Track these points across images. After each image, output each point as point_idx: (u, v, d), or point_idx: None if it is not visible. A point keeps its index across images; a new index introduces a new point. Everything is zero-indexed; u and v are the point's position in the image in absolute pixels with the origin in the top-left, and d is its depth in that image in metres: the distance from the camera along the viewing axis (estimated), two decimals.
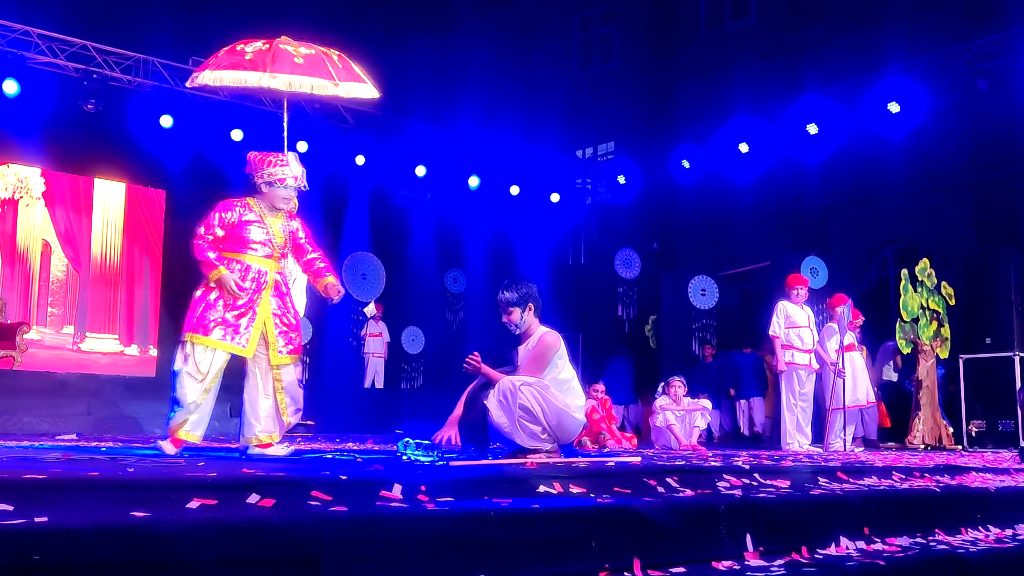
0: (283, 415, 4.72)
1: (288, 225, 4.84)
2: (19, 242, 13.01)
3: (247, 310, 4.60)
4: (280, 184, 4.70)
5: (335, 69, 5.07)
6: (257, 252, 4.66)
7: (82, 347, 13.18)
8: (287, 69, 4.90)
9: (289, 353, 4.73)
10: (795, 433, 8.62)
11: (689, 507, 2.91)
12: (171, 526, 1.91)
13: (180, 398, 4.50)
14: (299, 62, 4.96)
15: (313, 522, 2.08)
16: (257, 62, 4.93)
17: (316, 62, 5.00)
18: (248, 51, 5.02)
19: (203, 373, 4.50)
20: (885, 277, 14.77)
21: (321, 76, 4.98)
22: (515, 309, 4.57)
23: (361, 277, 13.74)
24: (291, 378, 4.75)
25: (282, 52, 4.96)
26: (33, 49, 11.36)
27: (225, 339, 4.53)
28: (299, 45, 5.11)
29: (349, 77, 5.14)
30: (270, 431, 4.69)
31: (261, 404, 4.66)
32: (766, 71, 16.13)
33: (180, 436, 4.50)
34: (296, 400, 4.80)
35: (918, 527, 3.43)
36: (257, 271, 4.65)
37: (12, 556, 1.67)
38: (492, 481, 2.91)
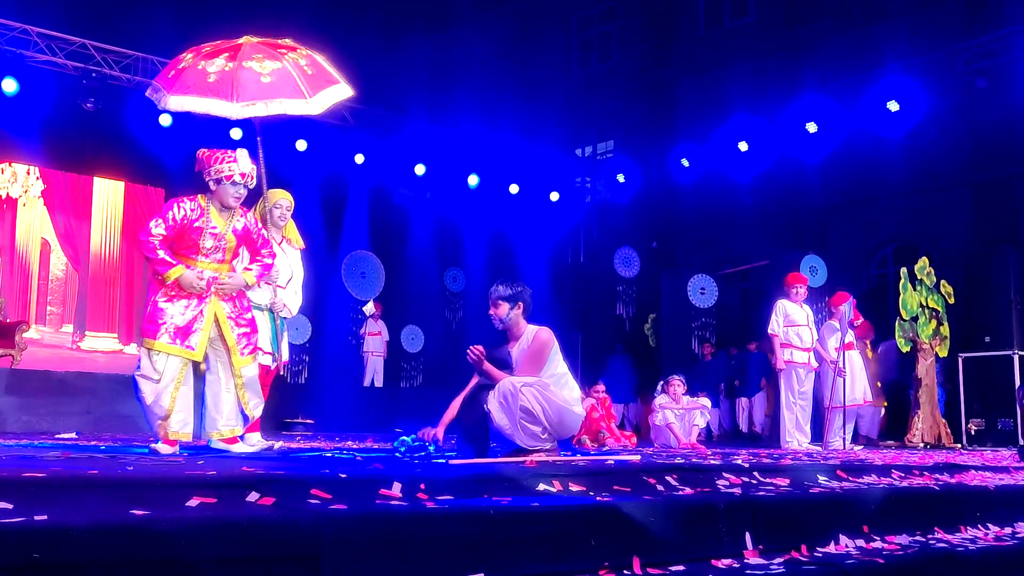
0: (247, 410, 4.74)
1: (239, 223, 4.73)
2: (18, 241, 13.00)
3: (197, 313, 4.56)
4: (228, 181, 4.62)
5: (304, 80, 4.91)
6: (208, 258, 4.62)
7: (81, 346, 13.18)
8: (255, 94, 4.75)
9: (250, 354, 4.74)
10: (794, 432, 8.62)
11: (689, 505, 2.91)
12: (171, 524, 1.91)
13: (142, 400, 4.52)
14: (267, 81, 4.79)
15: (313, 520, 2.08)
16: (223, 86, 4.75)
17: (284, 78, 4.84)
18: (211, 72, 4.81)
19: (159, 373, 4.48)
20: (884, 276, 14.77)
21: (292, 95, 4.85)
22: (504, 304, 4.61)
23: (360, 276, 13.74)
24: (252, 374, 4.76)
25: (247, 73, 4.78)
26: (32, 48, 11.35)
27: (175, 343, 4.51)
28: (264, 56, 4.90)
29: (320, 83, 4.99)
30: (232, 425, 4.70)
31: (224, 399, 4.66)
32: (765, 70, 16.13)
33: (172, 437, 4.50)
34: (257, 394, 4.81)
35: (917, 525, 3.43)
36: (210, 275, 4.62)
37: (12, 555, 1.67)
38: (491, 479, 2.91)
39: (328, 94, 5.02)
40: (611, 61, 19.22)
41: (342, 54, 17.42)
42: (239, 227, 4.72)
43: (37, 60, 11.41)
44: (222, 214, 4.66)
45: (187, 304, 4.55)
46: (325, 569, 2.01)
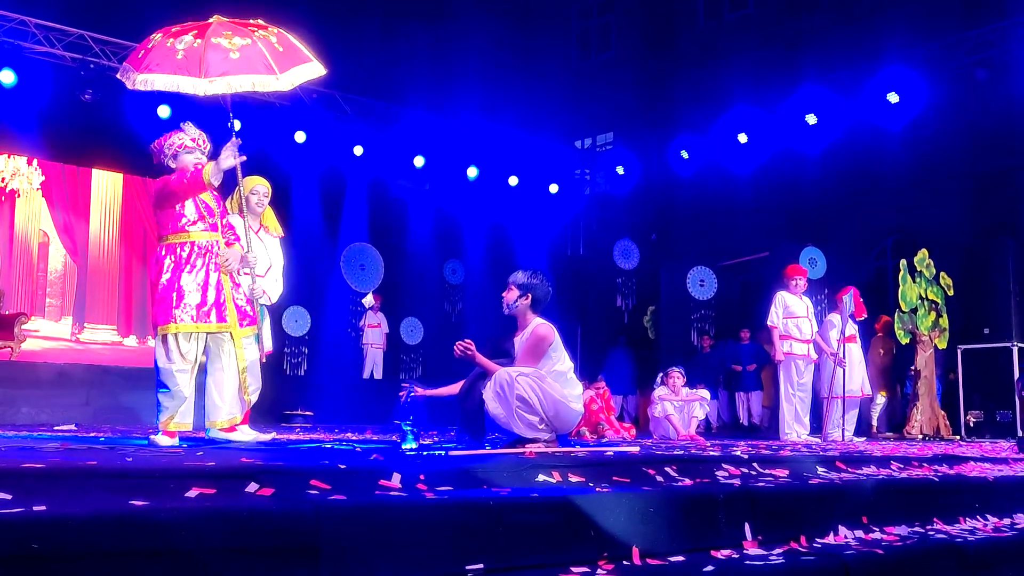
0: (245, 394, 4.69)
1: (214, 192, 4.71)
2: (17, 233, 12.99)
3: (218, 286, 4.53)
4: (183, 150, 4.62)
5: (275, 56, 4.82)
6: (197, 227, 4.57)
7: (80, 338, 13.18)
8: (223, 69, 4.65)
9: (248, 325, 4.68)
10: (793, 423, 8.63)
11: (688, 496, 2.91)
12: (170, 515, 1.91)
13: (174, 394, 4.45)
14: (235, 57, 4.69)
15: (312, 511, 2.08)
16: (190, 63, 4.64)
17: (253, 54, 4.75)
18: (179, 48, 4.71)
19: (189, 362, 4.47)
20: (883, 268, 14.77)
21: (261, 71, 4.75)
22: (515, 290, 4.62)
23: (360, 268, 13.74)
24: (253, 355, 4.73)
25: (215, 48, 4.68)
26: (30, 39, 11.31)
27: (210, 321, 4.47)
28: (233, 34, 4.81)
29: (291, 61, 4.90)
30: (233, 414, 4.67)
31: (227, 387, 4.63)
32: (765, 61, 16.09)
33: (172, 428, 4.48)
34: (257, 379, 4.77)
35: (917, 516, 3.44)
36: (208, 246, 4.58)
37: (11, 545, 1.66)
38: (491, 470, 2.91)
39: (299, 71, 4.95)
40: (610, 52, 19.17)
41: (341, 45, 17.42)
42: (215, 195, 4.71)
43: (35, 51, 11.38)
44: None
45: (199, 281, 4.50)
46: (325, 559, 2.01)
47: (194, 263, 4.52)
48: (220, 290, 4.55)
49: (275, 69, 4.77)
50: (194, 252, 4.54)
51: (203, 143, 4.68)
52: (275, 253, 5.73)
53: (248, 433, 5.02)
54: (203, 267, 4.53)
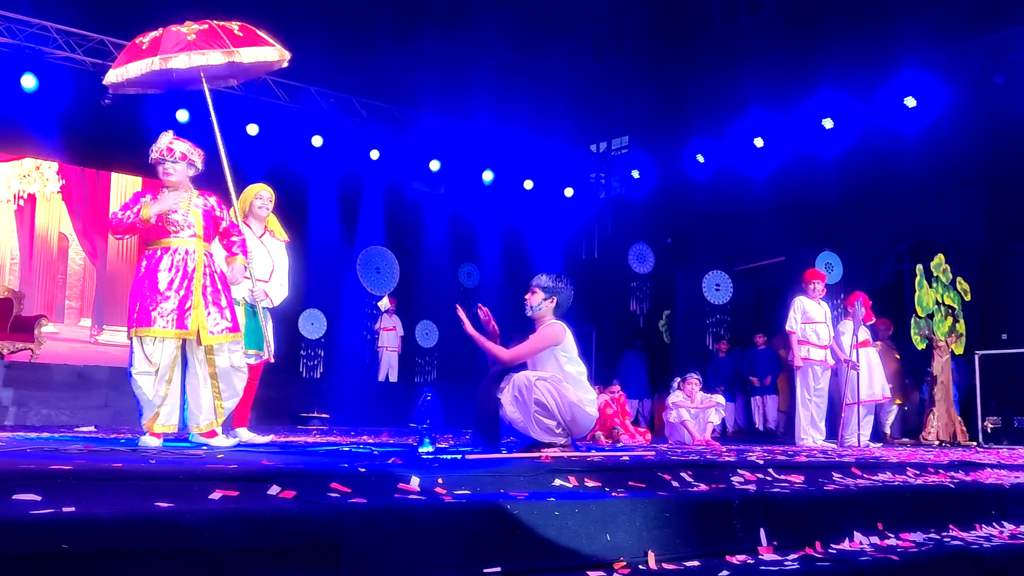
0: (217, 401, 4.68)
1: (200, 203, 4.74)
2: (37, 236, 13.13)
3: (187, 293, 4.55)
4: (157, 163, 4.69)
5: (231, 38, 5.10)
6: (180, 234, 4.60)
7: (99, 339, 13.30)
8: (179, 48, 4.97)
9: (221, 332, 4.63)
10: (809, 429, 8.61)
11: (703, 501, 2.92)
12: (194, 516, 1.95)
13: (141, 397, 4.49)
14: (191, 39, 5.02)
15: (332, 513, 2.11)
16: (151, 49, 5.02)
17: (209, 35, 5.06)
18: (144, 41, 5.12)
19: (155, 365, 4.48)
20: (901, 272, 14.70)
21: (215, 47, 5.03)
22: (540, 293, 4.64)
23: (375, 271, 13.80)
24: (225, 364, 4.68)
25: (173, 33, 5.05)
26: (51, 44, 11.45)
27: (169, 326, 4.48)
28: (195, 24, 5.17)
29: (250, 43, 5.17)
30: (210, 419, 4.69)
31: (202, 393, 4.65)
32: (780, 65, 16.06)
33: (157, 430, 4.52)
34: (231, 386, 4.72)
35: (932, 523, 3.44)
36: (185, 252, 4.59)
37: (42, 544, 1.71)
38: (508, 474, 2.93)
39: (258, 51, 5.20)
40: (625, 56, 19.18)
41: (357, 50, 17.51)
42: (200, 204, 4.74)
43: (55, 56, 11.51)
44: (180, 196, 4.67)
45: (175, 286, 4.51)
46: (345, 560, 2.05)
47: (164, 268, 4.54)
48: (188, 297, 4.54)
49: (229, 45, 5.07)
50: (165, 258, 4.56)
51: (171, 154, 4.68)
52: (279, 257, 5.75)
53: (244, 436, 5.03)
54: (175, 273, 4.54)
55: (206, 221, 4.73)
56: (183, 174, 4.71)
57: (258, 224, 5.67)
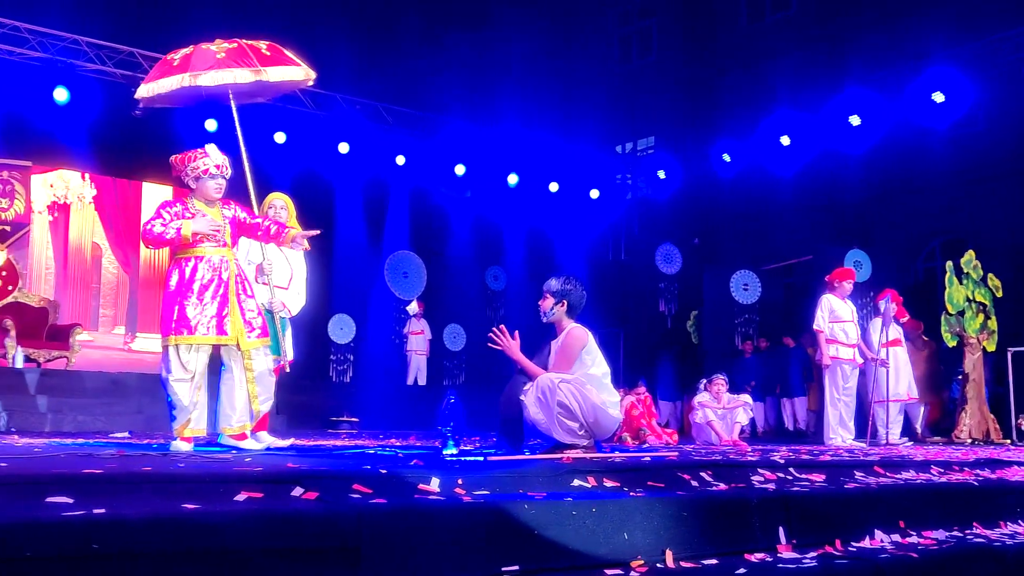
0: (254, 404, 4.79)
1: (226, 213, 4.86)
2: (71, 246, 13.38)
3: (223, 299, 4.66)
4: (206, 176, 4.76)
5: (258, 57, 5.22)
6: (206, 244, 4.72)
7: (132, 347, 13.52)
8: (208, 66, 5.11)
9: (257, 337, 4.77)
10: (838, 428, 8.56)
11: (722, 500, 2.95)
12: (220, 517, 2.01)
13: (176, 404, 4.60)
14: (220, 57, 5.16)
15: (354, 514, 2.17)
16: (182, 66, 5.15)
17: (238, 53, 5.20)
18: (175, 58, 5.25)
19: (191, 372, 4.60)
20: (933, 269, 14.55)
21: (243, 66, 5.16)
22: (550, 298, 4.67)
23: (403, 276, 13.92)
24: (262, 367, 4.80)
25: (203, 51, 5.19)
26: (82, 57, 11.66)
27: (209, 333, 4.61)
28: (224, 42, 5.30)
29: (277, 62, 5.30)
30: (243, 421, 4.79)
31: (237, 395, 4.75)
32: (807, 62, 15.97)
33: (187, 434, 4.64)
34: (267, 389, 4.84)
35: (955, 521, 3.43)
36: (219, 260, 4.71)
37: (74, 545, 1.78)
38: (528, 475, 2.97)
39: (284, 70, 5.34)
40: (651, 56, 19.15)
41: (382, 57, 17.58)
42: (228, 215, 4.86)
43: (87, 69, 11.73)
44: (210, 207, 4.80)
45: (210, 293, 4.63)
46: (365, 560, 2.10)
47: (200, 278, 4.66)
48: (224, 303, 4.67)
49: (257, 64, 5.20)
50: (200, 267, 4.68)
51: (226, 171, 4.83)
52: (297, 265, 5.85)
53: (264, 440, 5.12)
54: (209, 281, 4.67)
55: (233, 229, 4.85)
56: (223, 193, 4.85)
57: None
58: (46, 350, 11.09)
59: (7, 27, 11.22)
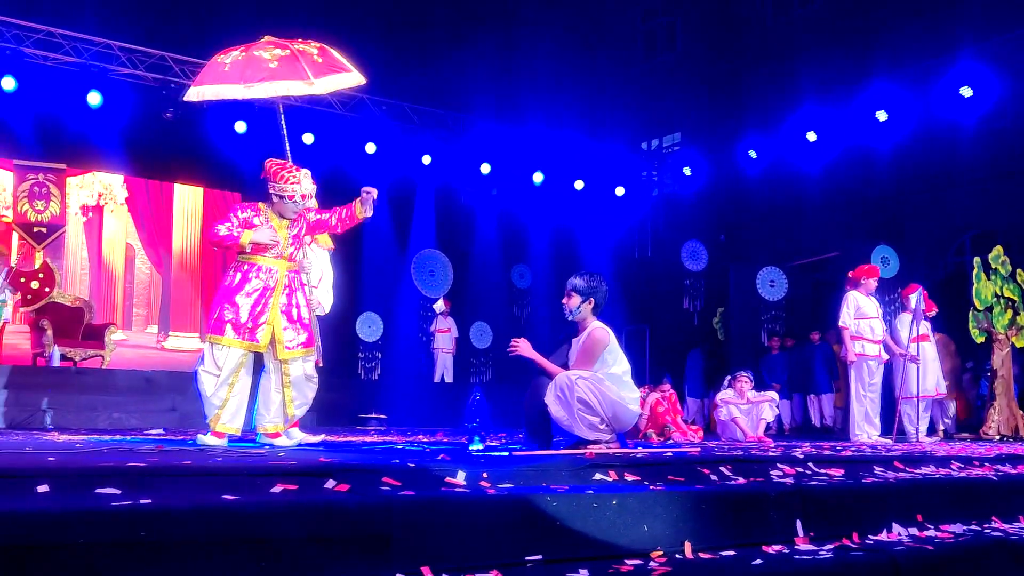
0: (288, 408, 4.94)
1: (294, 229, 5.01)
2: (105, 247, 13.64)
3: (263, 308, 4.81)
4: (290, 200, 4.91)
5: (311, 66, 5.24)
6: (267, 253, 4.88)
7: (165, 345, 13.76)
8: (261, 76, 5.12)
9: (296, 347, 4.91)
10: (864, 424, 8.56)
11: (740, 494, 3.02)
12: (258, 508, 2.13)
13: (202, 393, 4.79)
14: (273, 66, 5.16)
15: (384, 505, 2.28)
16: (234, 73, 5.15)
17: (290, 63, 5.20)
18: (226, 62, 5.23)
19: (219, 368, 4.75)
20: (963, 264, 14.45)
21: (295, 77, 5.18)
22: (576, 296, 4.71)
23: (429, 274, 14.05)
24: (298, 373, 4.94)
25: (256, 59, 5.17)
26: (114, 61, 11.89)
27: (240, 337, 4.76)
28: (275, 47, 5.28)
29: (328, 70, 5.31)
30: (276, 421, 4.95)
31: (272, 398, 4.92)
32: (834, 57, 15.89)
33: (219, 429, 4.78)
34: (303, 394, 4.99)
35: (973, 515, 3.48)
36: (268, 270, 4.86)
37: (123, 533, 1.90)
38: (550, 469, 3.07)
39: (335, 79, 5.37)
40: (676, 52, 19.13)
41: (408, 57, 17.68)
42: (294, 231, 5.01)
43: (119, 73, 11.95)
44: (279, 220, 4.95)
45: (253, 300, 4.79)
46: (396, 548, 2.21)
47: (248, 284, 4.82)
48: (264, 312, 4.81)
49: (309, 75, 5.22)
50: (251, 274, 4.84)
51: (310, 200, 4.99)
52: (325, 266, 6.00)
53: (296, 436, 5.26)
54: (255, 289, 4.82)
55: (292, 242, 5.01)
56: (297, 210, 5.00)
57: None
58: (82, 349, 11.34)
59: (42, 33, 11.46)
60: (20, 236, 12.59)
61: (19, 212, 12.55)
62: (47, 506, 1.96)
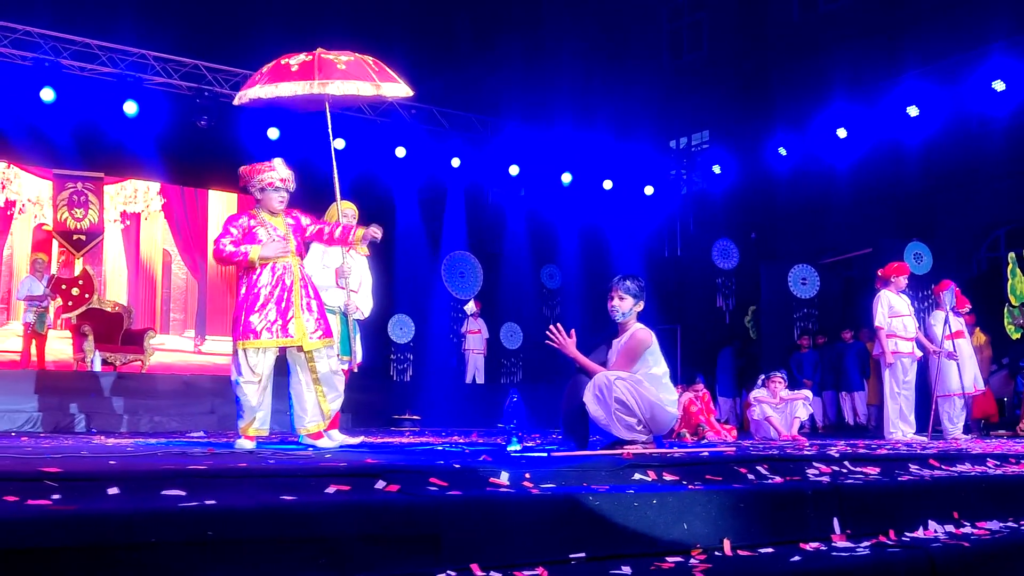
0: (323, 404, 5.02)
1: (288, 222, 5.10)
2: (142, 252, 13.90)
3: (287, 304, 4.91)
4: (271, 188, 5.00)
5: (374, 72, 5.56)
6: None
7: (202, 349, 13.99)
8: (334, 76, 5.39)
9: (320, 338, 4.99)
10: (898, 422, 8.54)
11: (777, 492, 3.08)
12: (315, 508, 2.23)
13: (245, 405, 4.87)
14: (342, 68, 5.45)
15: (433, 504, 2.37)
16: (304, 73, 5.39)
17: (357, 67, 5.51)
18: (293, 64, 5.47)
19: (259, 375, 4.86)
20: (997, 259, 14.31)
21: (364, 79, 5.47)
22: (629, 298, 4.76)
23: (459, 276, 14.18)
24: (325, 369, 5.03)
25: (326, 61, 5.46)
26: (149, 71, 12.12)
27: (275, 336, 4.86)
28: (339, 54, 5.60)
29: (386, 78, 5.63)
30: (316, 421, 5.04)
31: (306, 397, 5.01)
32: (863, 53, 15.80)
33: (251, 434, 4.90)
34: (333, 387, 5.08)
35: (1010, 512, 3.51)
36: (283, 268, 4.96)
37: (191, 532, 2.00)
38: (590, 469, 3.15)
39: (393, 86, 5.67)
40: (702, 51, 19.11)
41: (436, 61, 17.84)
42: (291, 223, 5.12)
43: (154, 82, 12.18)
44: (273, 217, 5.06)
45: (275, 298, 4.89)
46: (445, 546, 2.30)
47: (264, 285, 4.92)
48: (289, 307, 4.92)
49: (376, 79, 5.54)
50: (264, 274, 4.93)
51: (290, 184, 5.08)
52: (363, 271, 6.10)
53: (336, 438, 5.36)
54: (273, 287, 4.92)
55: (296, 238, 5.11)
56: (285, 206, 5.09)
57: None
58: (121, 354, 11.58)
59: (79, 44, 11.72)
60: (60, 244, 12.88)
61: (59, 220, 12.84)
62: (120, 507, 2.07)
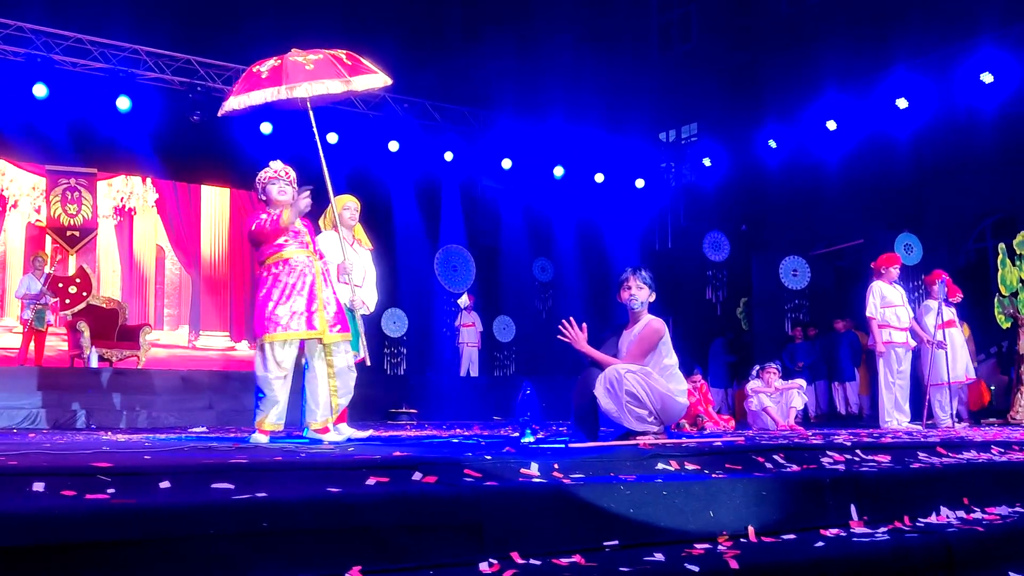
0: (333, 398, 5.09)
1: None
2: (136, 249, 13.87)
3: (311, 297, 4.98)
4: (270, 181, 5.13)
5: (344, 67, 5.56)
6: (293, 245, 5.05)
7: (197, 344, 13.99)
8: (301, 78, 5.40)
9: (339, 331, 5.07)
10: (893, 411, 8.66)
11: (796, 481, 3.16)
12: (358, 499, 2.28)
13: (269, 399, 4.91)
14: (310, 69, 5.47)
15: (473, 495, 2.43)
16: (273, 79, 5.42)
17: (325, 65, 5.53)
18: (263, 71, 5.52)
19: (285, 369, 4.92)
20: (984, 250, 14.48)
21: (333, 77, 5.48)
22: (645, 288, 4.85)
23: (452, 269, 14.23)
24: (343, 363, 5.10)
25: (293, 64, 5.48)
26: (142, 66, 12.09)
27: (300, 328, 4.92)
28: (308, 54, 5.62)
29: (359, 71, 5.62)
30: (326, 416, 5.10)
31: (320, 391, 5.06)
32: (852, 45, 15.87)
33: (267, 428, 4.94)
34: (346, 384, 5.15)
35: (1018, 497, 3.61)
36: (302, 261, 5.03)
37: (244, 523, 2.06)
38: (614, 459, 3.22)
39: (366, 79, 5.65)
40: (692, 43, 19.16)
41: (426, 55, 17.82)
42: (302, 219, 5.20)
43: (146, 78, 12.15)
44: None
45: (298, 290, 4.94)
46: (488, 534, 2.36)
47: (288, 277, 4.97)
48: (312, 299, 4.99)
49: (345, 75, 5.53)
50: (288, 268, 4.99)
51: (285, 174, 5.15)
52: (368, 265, 6.14)
53: (345, 432, 5.41)
54: (296, 280, 4.97)
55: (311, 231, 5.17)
56: (289, 195, 5.13)
57: (348, 234, 6.06)
58: (118, 350, 11.57)
59: (71, 40, 11.67)
60: (54, 240, 12.83)
61: (52, 216, 12.79)
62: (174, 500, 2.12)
